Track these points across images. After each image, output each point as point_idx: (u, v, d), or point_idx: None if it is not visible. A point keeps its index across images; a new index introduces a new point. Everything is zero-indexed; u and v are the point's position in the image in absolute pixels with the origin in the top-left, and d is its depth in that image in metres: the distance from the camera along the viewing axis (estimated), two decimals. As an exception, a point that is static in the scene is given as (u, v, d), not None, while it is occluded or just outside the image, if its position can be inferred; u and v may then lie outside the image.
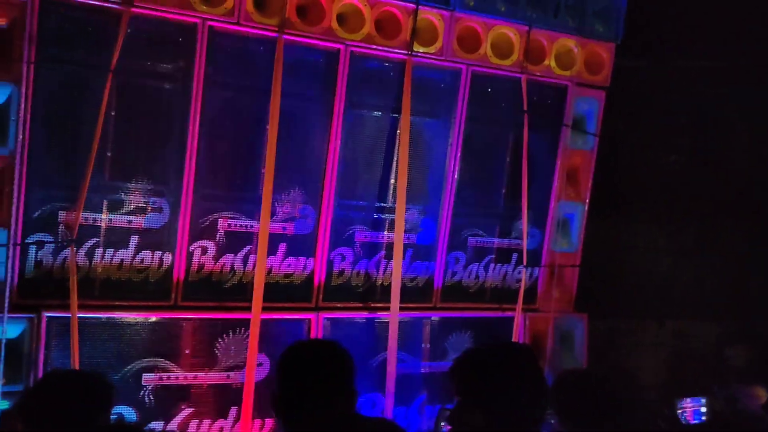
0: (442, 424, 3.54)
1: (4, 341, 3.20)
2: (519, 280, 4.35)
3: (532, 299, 4.44)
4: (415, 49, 3.94)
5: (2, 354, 3.18)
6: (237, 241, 3.72)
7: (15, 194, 3.26)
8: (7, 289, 3.24)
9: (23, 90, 3.23)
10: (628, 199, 4.93)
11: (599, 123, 4.52)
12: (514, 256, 4.38)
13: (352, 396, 2.08)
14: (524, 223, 4.26)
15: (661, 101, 4.92)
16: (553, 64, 4.32)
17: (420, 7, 3.90)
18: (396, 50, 3.91)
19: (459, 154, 4.16)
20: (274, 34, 3.63)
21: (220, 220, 3.68)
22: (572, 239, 4.55)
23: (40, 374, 3.27)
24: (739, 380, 4.26)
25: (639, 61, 4.80)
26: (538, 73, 4.29)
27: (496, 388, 1.99)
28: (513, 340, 4.22)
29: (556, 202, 4.45)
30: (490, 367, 2.04)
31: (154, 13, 3.43)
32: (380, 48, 3.89)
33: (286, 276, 3.86)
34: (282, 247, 3.83)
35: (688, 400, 4.25)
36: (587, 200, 4.53)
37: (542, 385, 2.09)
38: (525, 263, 4.31)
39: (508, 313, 4.30)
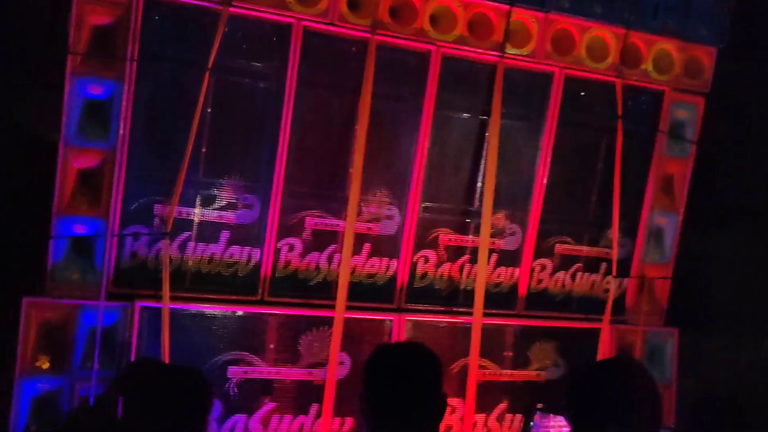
0: (532, 424, 3.46)
1: (100, 328, 3.32)
2: (607, 291, 4.21)
3: (620, 311, 4.29)
4: (507, 51, 3.87)
5: (98, 340, 3.30)
6: (323, 239, 3.75)
7: (114, 187, 3.38)
8: (104, 279, 3.37)
9: (126, 86, 3.34)
10: (726, 209, 4.71)
11: (697, 130, 4.34)
12: (603, 265, 4.25)
13: (441, 401, 2.04)
14: (614, 232, 4.13)
15: (764, 106, 4.67)
16: (650, 68, 4.17)
17: (513, 8, 3.84)
18: (488, 52, 3.86)
19: (549, 159, 4.06)
20: (366, 35, 3.64)
21: (308, 218, 3.72)
22: (665, 250, 4.37)
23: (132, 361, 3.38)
24: None
25: (741, 64, 4.57)
26: (634, 78, 4.15)
27: (615, 413, 1.89)
28: (599, 352, 4.09)
29: (649, 212, 4.29)
30: (610, 389, 1.93)
31: (251, 12, 3.49)
32: (472, 49, 3.84)
33: (370, 276, 3.86)
34: (366, 247, 3.83)
35: None
36: (682, 210, 4.36)
37: (660, 406, 1.97)
38: (614, 273, 4.18)
39: (595, 325, 4.17)
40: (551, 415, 3.71)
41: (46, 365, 3.34)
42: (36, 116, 3.65)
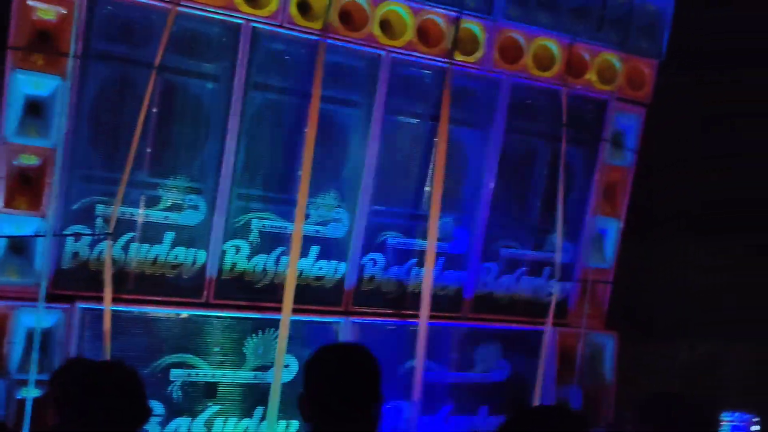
0: None
1: (39, 330, 3.24)
2: (551, 294, 4.30)
3: (563, 314, 4.39)
4: (456, 58, 3.93)
5: (37, 343, 3.23)
6: (270, 241, 3.74)
7: (55, 186, 3.31)
8: (44, 279, 3.29)
9: (69, 84, 3.28)
10: (665, 216, 4.86)
11: (639, 139, 4.47)
12: (547, 269, 4.34)
13: (378, 401, 2.06)
14: (558, 237, 4.22)
15: (702, 117, 4.84)
16: (594, 78, 4.29)
17: (462, 16, 3.89)
18: (436, 58, 3.91)
19: (495, 165, 4.13)
20: (316, 38, 3.65)
21: (255, 220, 3.70)
22: (606, 255, 4.50)
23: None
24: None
25: (681, 77, 4.73)
26: (579, 87, 4.26)
27: None
28: (542, 354, 4.17)
29: (592, 217, 4.40)
30: None
31: (199, 12, 3.46)
32: (421, 55, 3.88)
33: (317, 279, 3.86)
34: (314, 250, 3.83)
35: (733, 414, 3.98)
36: (623, 216, 4.48)
37: None
38: (557, 277, 4.27)
39: (538, 327, 4.26)
40: None
41: (-19, 368, 3.25)
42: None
